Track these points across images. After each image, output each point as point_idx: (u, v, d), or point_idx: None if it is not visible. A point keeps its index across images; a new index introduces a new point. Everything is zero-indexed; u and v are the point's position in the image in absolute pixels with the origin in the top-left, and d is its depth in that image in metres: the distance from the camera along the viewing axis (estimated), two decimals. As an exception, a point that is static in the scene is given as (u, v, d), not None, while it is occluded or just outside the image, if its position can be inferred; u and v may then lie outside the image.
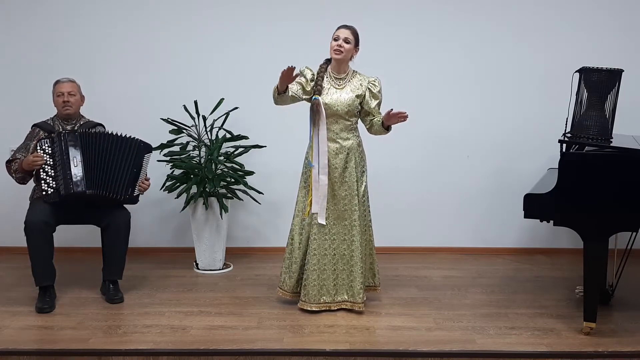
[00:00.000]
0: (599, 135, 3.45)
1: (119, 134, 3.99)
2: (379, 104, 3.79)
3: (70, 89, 4.02)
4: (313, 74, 3.75)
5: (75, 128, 4.05)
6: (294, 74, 3.51)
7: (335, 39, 3.66)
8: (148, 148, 4.03)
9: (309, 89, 3.72)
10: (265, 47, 5.00)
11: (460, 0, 4.98)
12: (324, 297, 3.77)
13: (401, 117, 3.64)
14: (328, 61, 3.78)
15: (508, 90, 5.04)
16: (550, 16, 4.98)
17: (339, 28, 3.70)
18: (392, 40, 4.99)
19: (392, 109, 3.63)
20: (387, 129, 3.77)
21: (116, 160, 3.90)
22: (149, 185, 4.08)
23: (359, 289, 3.73)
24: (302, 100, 3.73)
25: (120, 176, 3.91)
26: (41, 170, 3.81)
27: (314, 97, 3.68)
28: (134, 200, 4.02)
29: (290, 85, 3.63)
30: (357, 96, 3.72)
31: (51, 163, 3.82)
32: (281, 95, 3.64)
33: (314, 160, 3.73)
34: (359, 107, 3.77)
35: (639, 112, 4.74)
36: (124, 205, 4.05)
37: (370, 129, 3.84)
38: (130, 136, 3.98)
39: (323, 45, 3.74)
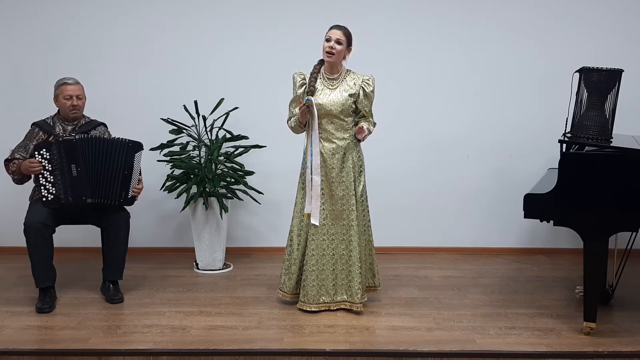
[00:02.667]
0: (599, 135, 3.45)
1: (108, 137, 3.99)
2: (371, 104, 3.77)
3: (78, 92, 4.00)
4: (304, 78, 3.75)
5: (76, 129, 4.04)
6: (301, 102, 3.62)
7: (327, 40, 3.65)
8: (136, 146, 3.96)
9: (300, 92, 3.74)
10: (265, 47, 5.01)
11: (460, 0, 4.99)
12: (323, 297, 3.77)
13: (358, 135, 3.68)
14: (321, 62, 3.78)
15: (508, 90, 5.04)
16: (550, 16, 4.98)
17: (331, 28, 3.69)
18: (392, 40, 4.99)
19: (362, 125, 3.66)
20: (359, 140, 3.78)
21: (110, 165, 3.88)
22: (140, 189, 4.04)
23: (357, 289, 3.73)
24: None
25: (114, 181, 3.89)
26: (40, 175, 3.81)
27: (306, 98, 3.68)
28: (129, 202, 4.00)
29: (296, 110, 3.72)
30: (351, 95, 3.71)
31: (50, 169, 3.80)
32: (302, 126, 3.73)
33: (307, 162, 3.74)
34: (353, 107, 3.76)
35: (639, 112, 4.74)
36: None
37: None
38: (117, 137, 3.96)
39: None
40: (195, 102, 4.71)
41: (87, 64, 4.93)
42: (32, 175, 3.88)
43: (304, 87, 3.73)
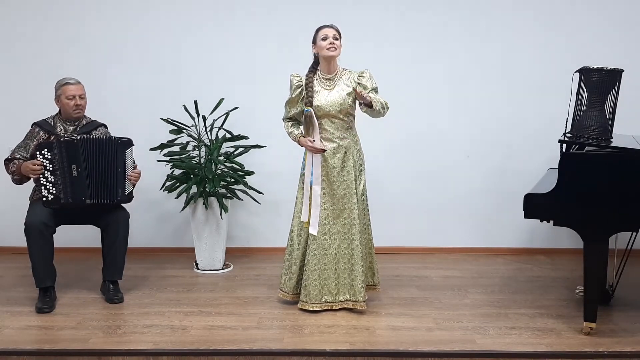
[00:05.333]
0: (599, 135, 3.45)
1: (100, 137, 4.00)
2: (373, 91, 3.69)
3: (80, 92, 4.00)
4: (300, 80, 3.76)
5: (78, 129, 4.04)
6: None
7: (324, 39, 3.66)
8: (125, 143, 3.96)
9: (295, 95, 3.76)
10: (265, 47, 5.01)
11: (460, 0, 4.99)
12: (326, 297, 3.77)
13: (361, 95, 3.56)
14: (313, 68, 3.79)
15: (508, 90, 5.04)
16: (551, 16, 4.98)
17: (323, 28, 3.69)
18: (393, 40, 4.99)
19: (355, 90, 3.59)
20: (369, 106, 3.59)
21: (105, 165, 3.89)
22: (138, 174, 4.03)
23: (360, 287, 3.73)
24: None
25: (110, 180, 3.89)
26: (40, 175, 3.81)
27: (305, 110, 3.70)
28: (127, 199, 4.00)
29: (291, 112, 3.80)
30: (349, 94, 3.72)
31: (51, 169, 3.81)
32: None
33: (306, 170, 3.76)
34: (353, 106, 3.76)
35: (639, 112, 4.74)
36: (122, 205, 4.05)
37: (370, 116, 3.72)
38: (107, 137, 4.00)
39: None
40: (195, 102, 4.71)
41: (87, 64, 4.93)
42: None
43: (300, 88, 3.74)
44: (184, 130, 4.71)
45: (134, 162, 4.04)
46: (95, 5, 5.01)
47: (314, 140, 3.71)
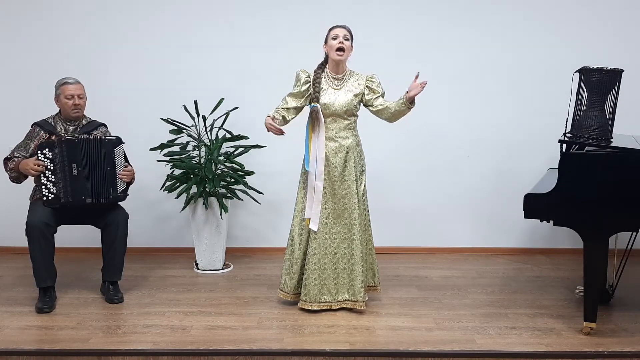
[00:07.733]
0: (599, 135, 3.46)
1: (90, 137, 4.00)
2: (382, 96, 3.78)
3: (80, 92, 4.01)
4: (308, 76, 3.76)
5: (78, 129, 4.04)
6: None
7: (335, 38, 3.67)
8: (113, 142, 3.95)
9: (303, 89, 3.74)
10: (265, 46, 5.01)
11: (461, 0, 4.99)
12: (325, 297, 3.77)
13: (423, 85, 3.60)
14: (322, 65, 3.79)
15: (508, 90, 5.04)
16: (551, 16, 4.98)
17: (334, 28, 3.70)
18: (393, 39, 4.99)
19: (417, 75, 3.60)
20: (412, 102, 3.65)
21: (97, 164, 3.89)
22: (129, 172, 4.01)
23: (359, 287, 3.73)
24: (303, 105, 3.80)
25: (102, 179, 3.89)
26: (41, 174, 3.82)
27: (312, 105, 3.70)
28: (120, 197, 3.99)
29: (289, 104, 3.76)
30: (355, 95, 3.73)
31: (51, 168, 3.82)
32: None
33: (310, 166, 3.74)
34: (358, 107, 3.78)
35: (639, 112, 4.74)
36: (122, 205, 4.06)
37: (389, 117, 3.75)
38: (97, 137, 4.00)
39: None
40: (195, 102, 4.71)
41: (87, 64, 4.93)
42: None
43: (308, 84, 3.73)
44: (184, 130, 4.71)
45: (126, 161, 4.04)
46: (95, 6, 5.01)
47: (274, 118, 3.67)
